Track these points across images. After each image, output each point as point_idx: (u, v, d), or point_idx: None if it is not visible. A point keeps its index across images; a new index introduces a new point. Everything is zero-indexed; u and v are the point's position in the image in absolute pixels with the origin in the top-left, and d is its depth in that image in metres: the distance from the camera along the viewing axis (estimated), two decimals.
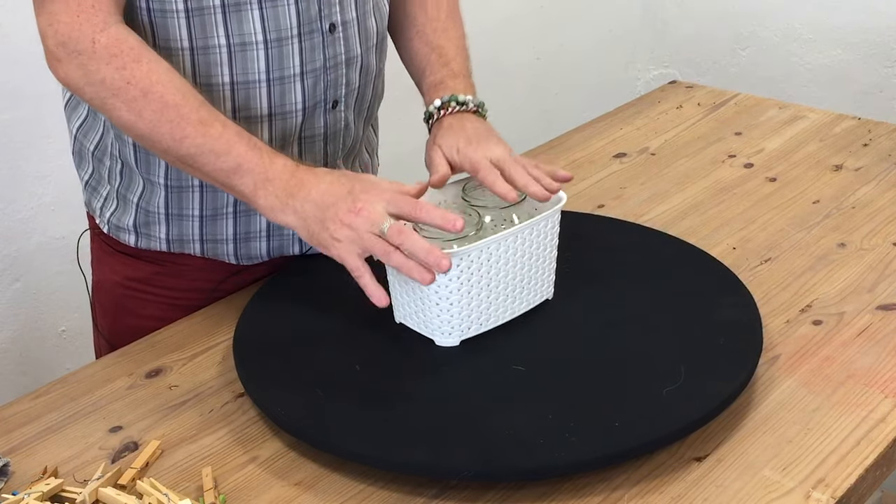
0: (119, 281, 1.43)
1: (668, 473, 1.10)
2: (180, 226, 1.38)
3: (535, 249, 1.28)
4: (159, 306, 1.42)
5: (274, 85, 1.30)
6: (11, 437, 1.20)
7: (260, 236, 1.40)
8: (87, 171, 1.43)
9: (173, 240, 1.39)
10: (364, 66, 1.39)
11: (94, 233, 1.47)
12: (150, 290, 1.43)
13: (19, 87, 1.88)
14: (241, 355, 1.26)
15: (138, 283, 1.43)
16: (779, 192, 1.69)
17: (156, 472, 1.13)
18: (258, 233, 1.40)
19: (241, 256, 1.41)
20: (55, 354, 2.02)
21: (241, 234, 1.39)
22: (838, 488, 1.07)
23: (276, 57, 1.29)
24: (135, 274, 1.42)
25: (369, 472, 1.11)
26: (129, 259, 1.42)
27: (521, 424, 1.12)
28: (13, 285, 1.94)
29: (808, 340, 1.31)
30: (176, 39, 1.26)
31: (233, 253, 1.40)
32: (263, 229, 1.40)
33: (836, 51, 2.79)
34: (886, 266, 1.47)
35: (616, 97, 2.42)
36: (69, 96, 1.42)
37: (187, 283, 1.42)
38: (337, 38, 1.34)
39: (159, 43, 1.26)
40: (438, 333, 1.25)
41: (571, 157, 1.85)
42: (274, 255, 1.42)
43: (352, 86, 1.38)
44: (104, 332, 1.48)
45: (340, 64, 1.35)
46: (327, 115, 1.37)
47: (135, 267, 1.42)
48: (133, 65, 1.18)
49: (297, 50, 1.30)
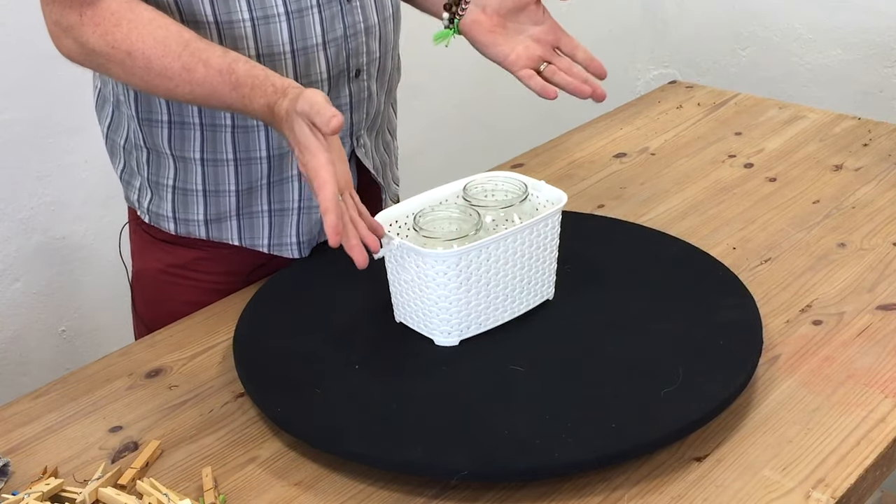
0: (161, 268, 1.48)
1: (668, 473, 1.10)
2: (217, 203, 1.42)
3: (535, 249, 1.28)
4: (200, 291, 1.46)
5: (298, 55, 1.34)
6: (11, 437, 1.20)
7: (292, 210, 1.43)
8: (119, 166, 1.48)
9: (211, 220, 1.42)
10: (382, 35, 1.43)
11: (134, 225, 1.52)
12: (190, 275, 1.47)
13: (20, 87, 1.88)
14: (241, 355, 1.26)
15: (179, 269, 1.47)
16: (779, 192, 1.69)
17: (156, 472, 1.13)
18: (290, 206, 1.43)
19: (273, 245, 1.45)
20: (55, 354, 2.02)
21: (276, 208, 1.43)
22: (838, 488, 1.07)
23: (299, 27, 1.33)
24: (175, 261, 1.47)
25: (369, 472, 1.11)
26: (169, 246, 1.46)
27: (520, 424, 1.12)
28: (13, 285, 1.94)
29: (808, 340, 1.31)
30: (202, 14, 1.30)
31: (267, 237, 1.44)
32: (295, 200, 1.43)
33: (836, 51, 2.79)
34: (886, 266, 1.47)
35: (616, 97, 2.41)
36: (97, 97, 1.47)
37: (225, 266, 1.46)
38: (354, 6, 1.38)
39: (186, 18, 1.30)
40: (438, 333, 1.25)
41: (571, 157, 1.86)
42: (303, 238, 1.45)
43: (373, 55, 1.42)
44: (145, 319, 1.52)
45: (360, 32, 1.39)
46: (351, 85, 1.41)
47: (175, 254, 1.46)
48: (113, 29, 1.23)
49: (318, 19, 1.34)
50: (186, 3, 1.29)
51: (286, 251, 1.46)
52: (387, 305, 1.30)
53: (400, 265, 1.25)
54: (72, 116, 1.92)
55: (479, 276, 1.23)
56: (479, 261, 1.22)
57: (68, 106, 1.92)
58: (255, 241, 1.45)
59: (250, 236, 1.44)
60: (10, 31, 1.90)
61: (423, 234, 1.25)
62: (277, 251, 1.46)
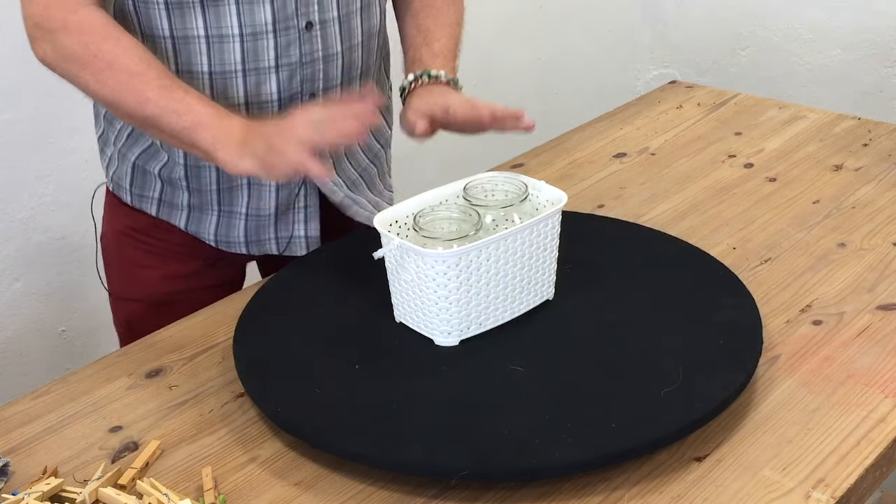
0: (121, 230, 1.54)
1: (668, 473, 1.10)
2: (172, 192, 1.47)
3: (535, 249, 1.28)
4: (157, 257, 1.52)
5: (249, 75, 1.36)
6: (11, 437, 1.20)
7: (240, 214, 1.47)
8: (98, 131, 1.53)
9: (164, 202, 1.48)
10: (346, 63, 1.43)
11: (106, 188, 1.56)
12: (147, 239, 1.52)
13: (19, 87, 1.88)
14: (241, 355, 1.26)
15: (138, 232, 1.52)
16: (779, 192, 1.69)
17: (156, 472, 1.13)
18: (239, 210, 1.47)
19: (221, 241, 1.49)
20: (55, 354, 2.02)
21: (224, 210, 1.47)
22: (838, 488, 1.07)
23: (252, 50, 1.35)
24: (135, 224, 1.52)
25: (369, 472, 1.11)
26: (129, 210, 1.51)
27: (520, 424, 1.12)
28: (13, 285, 1.94)
29: (808, 340, 1.31)
30: (158, 28, 1.33)
31: (213, 234, 1.49)
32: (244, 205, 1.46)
33: (836, 51, 2.79)
34: (886, 266, 1.47)
35: (616, 97, 2.42)
36: None
37: (178, 238, 1.51)
38: (314, 35, 1.38)
39: (144, 31, 1.34)
40: (438, 333, 1.25)
41: (571, 157, 1.86)
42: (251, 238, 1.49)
43: (332, 81, 1.42)
44: (112, 288, 1.58)
45: (318, 60, 1.40)
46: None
47: (134, 218, 1.52)
48: (100, 41, 1.27)
49: (273, 45, 1.36)
50: (145, 15, 1.33)
51: (234, 248, 1.49)
52: (387, 305, 1.30)
53: (400, 265, 1.25)
54: (72, 116, 1.92)
55: (479, 276, 1.23)
56: (479, 261, 1.22)
57: (68, 106, 1.92)
58: (202, 233, 1.49)
59: (196, 229, 1.49)
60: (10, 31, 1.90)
61: (423, 234, 1.25)
62: (225, 247, 1.49)
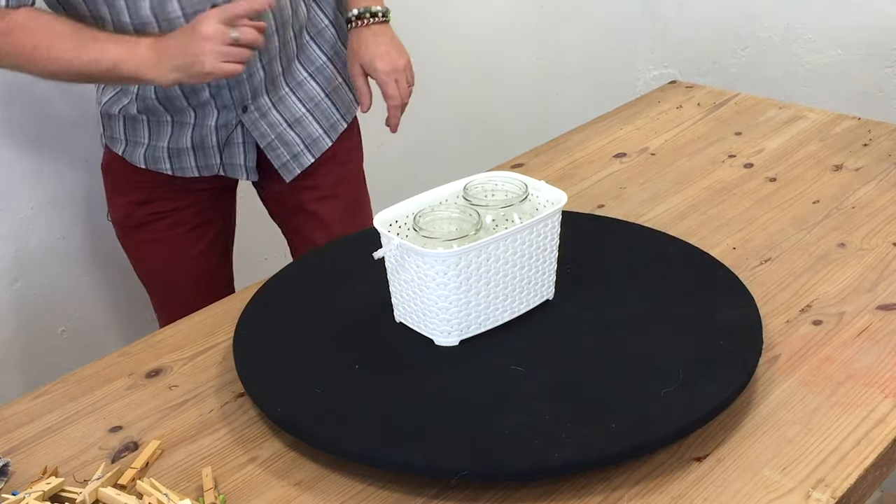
0: (105, 167, 1.74)
1: (668, 473, 1.10)
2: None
3: (535, 249, 1.28)
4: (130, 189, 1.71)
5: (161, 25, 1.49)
6: (11, 437, 1.20)
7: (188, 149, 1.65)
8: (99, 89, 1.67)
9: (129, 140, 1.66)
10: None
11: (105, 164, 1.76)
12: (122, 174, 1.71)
13: (19, 87, 1.87)
14: (241, 355, 1.26)
15: (112, 170, 1.72)
16: (779, 192, 1.69)
17: (156, 472, 1.13)
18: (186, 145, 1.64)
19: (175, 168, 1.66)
20: (55, 354, 2.02)
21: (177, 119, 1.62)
22: (838, 488, 1.07)
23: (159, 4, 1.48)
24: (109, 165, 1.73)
25: (369, 472, 1.11)
26: (108, 151, 1.72)
27: (520, 424, 1.12)
28: (13, 285, 1.94)
29: (808, 340, 1.31)
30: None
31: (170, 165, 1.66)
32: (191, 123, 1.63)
33: (836, 51, 2.79)
34: (886, 266, 1.47)
35: (616, 97, 2.42)
36: None
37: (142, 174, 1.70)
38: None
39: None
40: (438, 333, 1.25)
41: (571, 157, 1.86)
42: (201, 163, 1.66)
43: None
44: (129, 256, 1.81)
45: None
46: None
47: (109, 158, 1.72)
48: (19, 33, 1.44)
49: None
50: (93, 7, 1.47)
51: (189, 172, 1.67)
52: (387, 305, 1.30)
53: (400, 265, 1.25)
54: (72, 116, 1.92)
55: (479, 276, 1.23)
56: (478, 261, 1.22)
57: (68, 105, 1.92)
58: (160, 167, 1.68)
59: (154, 166, 1.68)
60: None
61: (423, 234, 1.25)
62: (180, 173, 1.67)
